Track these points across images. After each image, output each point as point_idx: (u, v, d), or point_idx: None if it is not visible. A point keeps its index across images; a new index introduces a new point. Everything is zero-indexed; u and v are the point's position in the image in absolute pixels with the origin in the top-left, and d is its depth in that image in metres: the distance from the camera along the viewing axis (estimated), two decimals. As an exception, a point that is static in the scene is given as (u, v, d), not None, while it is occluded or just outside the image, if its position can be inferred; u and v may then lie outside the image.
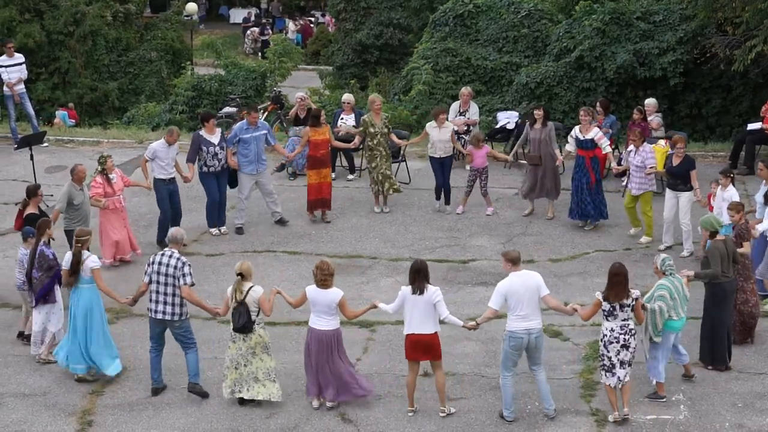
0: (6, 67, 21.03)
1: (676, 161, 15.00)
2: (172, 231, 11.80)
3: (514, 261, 10.86)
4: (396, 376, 11.91)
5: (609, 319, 10.72)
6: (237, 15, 51.69)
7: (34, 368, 12.18)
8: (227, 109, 21.99)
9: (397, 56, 31.11)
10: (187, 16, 32.90)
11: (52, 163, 19.82)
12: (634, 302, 10.70)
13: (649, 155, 15.40)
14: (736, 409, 11.11)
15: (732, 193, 13.72)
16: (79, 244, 11.75)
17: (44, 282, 12.14)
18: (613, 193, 17.54)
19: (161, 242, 15.35)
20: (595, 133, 15.97)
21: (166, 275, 11.27)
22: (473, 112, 19.25)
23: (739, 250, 12.16)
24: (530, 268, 14.68)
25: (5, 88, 20.96)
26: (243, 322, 10.97)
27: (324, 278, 10.96)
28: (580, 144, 16.10)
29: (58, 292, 12.28)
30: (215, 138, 16.00)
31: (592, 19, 22.79)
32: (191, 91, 24.52)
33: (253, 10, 51.60)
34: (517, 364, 10.95)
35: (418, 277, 10.77)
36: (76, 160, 17.59)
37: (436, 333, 10.88)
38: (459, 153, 17.46)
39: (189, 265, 11.36)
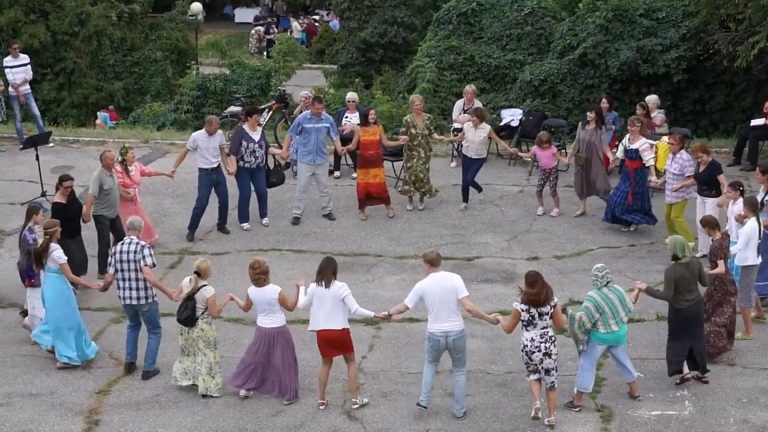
0: (11, 67, 21.05)
1: (702, 167, 14.52)
2: (131, 219, 12.24)
3: (431, 262, 10.90)
4: (402, 373, 11.97)
5: (528, 329, 10.62)
6: (242, 15, 51.74)
7: (40, 368, 12.23)
8: (232, 109, 22.02)
9: (401, 54, 31.14)
10: (191, 15, 32.94)
11: (58, 163, 19.85)
12: (552, 309, 10.61)
13: (687, 162, 14.82)
14: (741, 405, 11.14)
15: (741, 207, 12.97)
16: (47, 236, 12.19)
17: (24, 266, 12.76)
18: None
19: (192, 229, 15.99)
20: (641, 143, 15.51)
21: (128, 261, 11.73)
22: (477, 110, 19.27)
23: (714, 270, 11.87)
24: (534, 264, 14.89)
25: (10, 89, 21.00)
26: (186, 315, 11.34)
27: (257, 277, 11.18)
28: (626, 153, 15.73)
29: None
30: (256, 135, 16.13)
31: (596, 17, 22.83)
32: (196, 91, 24.58)
33: (259, 10, 51.67)
34: (439, 359, 11.03)
35: (326, 270, 10.94)
36: (81, 160, 17.74)
37: (345, 329, 11.00)
38: (512, 157, 17.23)
39: (149, 247, 11.84)
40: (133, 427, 10.99)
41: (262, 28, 45.43)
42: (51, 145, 20.58)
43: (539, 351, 10.61)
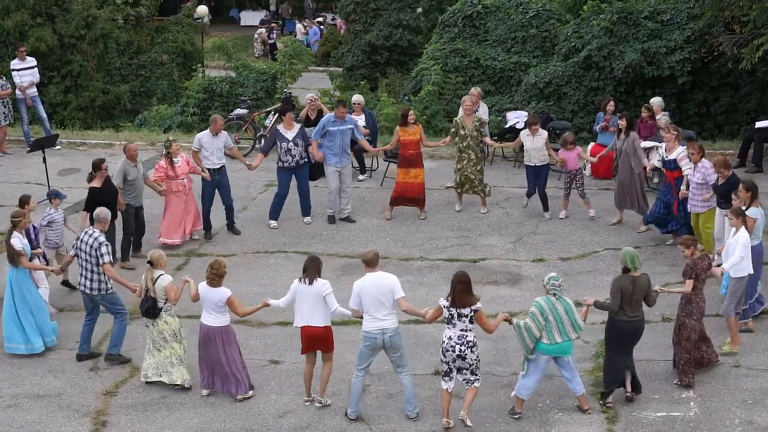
0: (18, 70, 21.17)
1: (721, 181, 14.13)
2: (97, 210, 12.52)
3: (367, 262, 11.01)
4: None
5: (448, 326, 10.66)
6: (247, 18, 51.84)
7: (48, 369, 12.30)
8: (238, 111, 22.10)
9: (407, 57, 31.19)
10: (197, 18, 33.01)
11: (65, 165, 19.94)
12: (473, 313, 10.58)
13: (709, 171, 14.34)
14: (746, 406, 11.16)
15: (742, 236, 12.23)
16: (11, 225, 12.61)
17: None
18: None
19: (207, 230, 16.18)
20: (678, 153, 15.09)
21: (87, 252, 12.10)
22: (482, 112, 19.31)
23: (681, 289, 11.63)
24: (540, 266, 14.93)
25: (17, 92, 21.10)
26: (147, 307, 11.56)
27: (212, 277, 11.29)
28: (665, 164, 15.41)
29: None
30: (291, 134, 16.28)
31: (600, 19, 22.86)
32: (202, 93, 24.64)
33: (264, 13, 51.76)
34: (370, 366, 11.09)
35: (311, 268, 11.05)
36: (88, 162, 17.68)
37: (327, 326, 11.12)
38: (556, 161, 17.27)
39: (106, 244, 12.11)
40: (140, 428, 11.04)
41: (265, 31, 45.49)
42: (58, 147, 20.66)
43: (453, 351, 10.63)
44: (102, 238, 12.11)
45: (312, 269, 11.07)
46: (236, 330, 12.61)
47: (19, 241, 12.53)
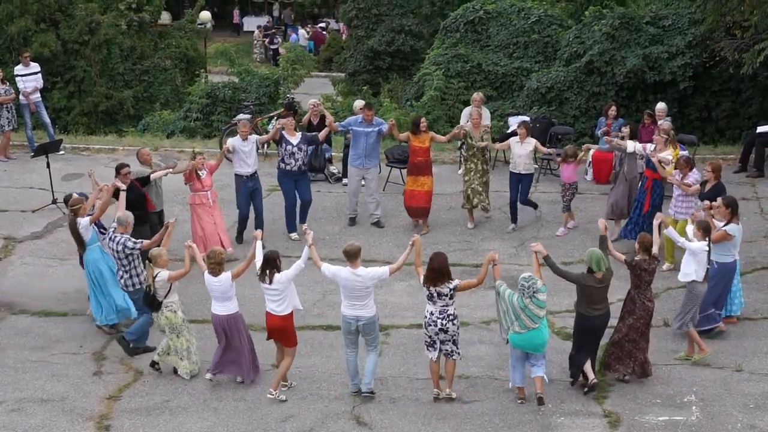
0: (22, 76, 21.22)
1: (708, 186, 14.23)
2: (119, 213, 13.01)
3: (348, 255, 11.35)
4: (410, 379, 12.04)
5: (430, 302, 11.23)
6: (250, 23, 51.97)
7: (51, 374, 12.32)
8: (241, 116, 22.13)
9: (409, 62, 31.26)
10: (200, 24, 33.09)
11: (69, 170, 19.99)
12: (452, 291, 11.10)
13: (696, 176, 14.42)
14: (748, 410, 11.19)
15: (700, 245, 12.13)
16: (72, 213, 13.02)
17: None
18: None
19: (239, 238, 16.34)
20: (665, 155, 15.11)
21: (115, 257, 12.73)
22: (484, 117, 19.36)
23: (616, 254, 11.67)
24: (541, 271, 14.90)
25: (21, 97, 21.16)
26: (147, 302, 11.98)
27: (212, 267, 11.59)
28: (648, 164, 15.40)
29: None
30: (294, 140, 16.31)
31: (602, 24, 22.92)
32: (205, 99, 24.68)
33: (265, 18, 51.88)
34: (357, 343, 11.50)
35: (268, 267, 11.35)
36: (92, 167, 17.71)
37: (286, 315, 11.45)
38: (553, 156, 17.28)
39: (129, 239, 12.60)
40: (143, 432, 11.10)
41: (262, 36, 45.62)
42: (62, 152, 20.69)
43: (435, 325, 11.20)
44: (123, 239, 12.56)
45: (270, 268, 11.36)
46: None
47: (86, 221, 13.01)
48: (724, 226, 12.60)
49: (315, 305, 14.10)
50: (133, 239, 12.66)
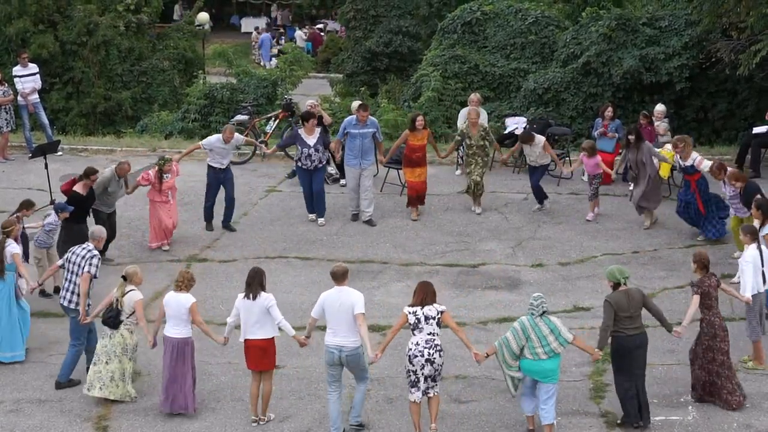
0: (20, 77, 21.24)
1: (738, 191, 14.62)
2: (93, 228, 12.81)
3: (334, 276, 10.91)
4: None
5: (414, 332, 10.59)
6: (248, 24, 51.98)
7: (49, 374, 12.33)
8: (239, 117, 22.17)
9: (407, 63, 31.28)
10: (198, 25, 33.10)
11: (67, 171, 19.92)
12: (440, 315, 10.58)
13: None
14: (744, 410, 11.20)
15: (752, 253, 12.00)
16: (4, 234, 12.78)
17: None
18: (621, 197, 17.77)
19: (208, 221, 16.78)
20: (693, 158, 15.71)
21: (77, 264, 12.10)
22: (482, 118, 19.40)
23: (690, 311, 11.27)
24: (538, 271, 15.01)
25: (20, 98, 21.18)
26: (109, 315, 11.57)
27: (178, 285, 11.35)
28: (683, 170, 16.06)
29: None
30: (312, 140, 16.71)
31: (599, 25, 22.96)
32: (203, 100, 24.71)
33: (264, 20, 51.91)
34: (340, 381, 10.93)
35: (253, 283, 11.01)
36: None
37: (270, 339, 11.04)
38: (557, 164, 17.79)
39: (99, 259, 12.15)
40: (141, 433, 11.12)
41: (259, 37, 45.63)
42: (60, 153, 20.68)
43: (422, 356, 10.49)
44: (96, 253, 12.15)
45: (254, 284, 11.03)
46: (236, 334, 12.68)
47: (14, 247, 12.76)
48: (760, 228, 12.61)
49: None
50: (98, 258, 12.18)
